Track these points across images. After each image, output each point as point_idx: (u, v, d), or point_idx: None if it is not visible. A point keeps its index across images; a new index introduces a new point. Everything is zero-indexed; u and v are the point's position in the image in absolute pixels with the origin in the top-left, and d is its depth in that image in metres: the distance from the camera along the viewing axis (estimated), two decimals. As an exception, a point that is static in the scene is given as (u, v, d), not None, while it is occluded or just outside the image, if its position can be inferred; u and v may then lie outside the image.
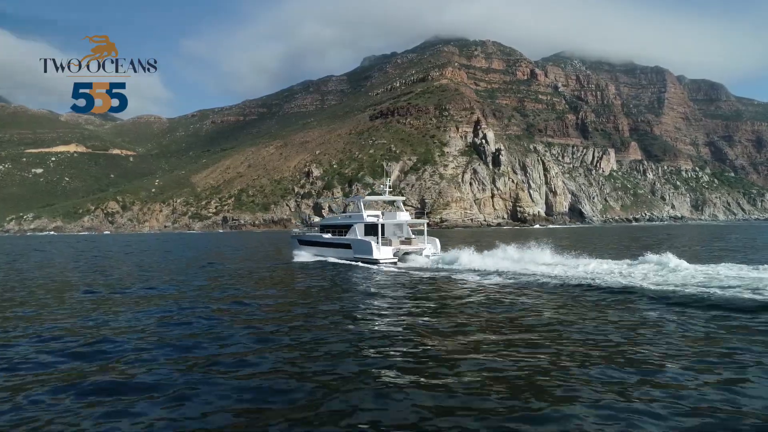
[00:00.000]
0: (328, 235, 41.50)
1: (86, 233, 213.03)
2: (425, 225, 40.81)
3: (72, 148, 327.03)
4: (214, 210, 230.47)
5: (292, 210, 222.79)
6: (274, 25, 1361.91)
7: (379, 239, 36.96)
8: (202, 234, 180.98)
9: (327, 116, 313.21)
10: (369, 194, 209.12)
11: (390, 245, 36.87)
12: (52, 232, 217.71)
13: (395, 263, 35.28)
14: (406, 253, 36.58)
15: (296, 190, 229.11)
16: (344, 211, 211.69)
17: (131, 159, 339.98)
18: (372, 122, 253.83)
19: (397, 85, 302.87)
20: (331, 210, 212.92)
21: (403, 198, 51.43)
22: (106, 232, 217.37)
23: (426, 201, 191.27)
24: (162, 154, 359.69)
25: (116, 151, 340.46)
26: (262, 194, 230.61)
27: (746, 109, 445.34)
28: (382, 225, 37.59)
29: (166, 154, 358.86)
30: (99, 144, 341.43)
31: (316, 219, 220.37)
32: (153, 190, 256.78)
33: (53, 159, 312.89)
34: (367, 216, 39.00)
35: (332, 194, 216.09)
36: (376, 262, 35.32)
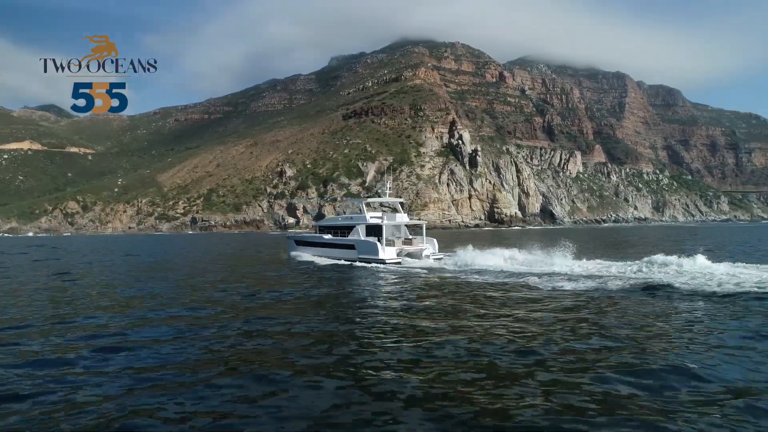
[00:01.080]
0: (328, 236, 42.19)
1: (44, 235, 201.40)
2: (424, 226, 42.86)
3: (26, 145, 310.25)
4: (182, 210, 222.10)
5: (265, 211, 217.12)
6: (239, 23, 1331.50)
7: (384, 240, 37.84)
8: (172, 236, 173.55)
9: (297, 115, 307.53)
10: (345, 195, 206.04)
11: (393, 246, 38.04)
12: (6, 234, 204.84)
13: (399, 263, 36.17)
14: (409, 254, 38.00)
15: (269, 190, 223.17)
16: (319, 212, 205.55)
17: (90, 157, 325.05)
18: (345, 122, 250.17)
19: (370, 84, 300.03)
20: (305, 211, 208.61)
21: (402, 200, 50.70)
22: (66, 234, 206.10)
23: (404, 202, 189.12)
24: (123, 153, 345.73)
25: (74, 149, 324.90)
26: (233, 194, 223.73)
27: (701, 115, 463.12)
28: (384, 226, 38.48)
29: (127, 153, 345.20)
30: (55, 141, 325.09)
31: (291, 220, 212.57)
32: (116, 189, 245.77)
33: (5, 156, 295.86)
34: (371, 217, 39.70)
35: (307, 194, 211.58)
36: (382, 262, 36.14)
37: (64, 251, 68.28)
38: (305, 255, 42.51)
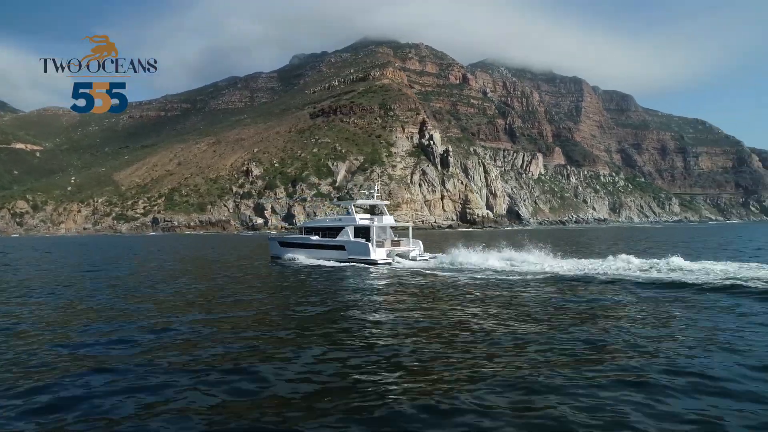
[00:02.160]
0: (315, 237, 42.86)
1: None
2: (410, 228, 44.87)
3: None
4: (142, 210, 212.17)
5: (231, 211, 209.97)
6: (196, 19, 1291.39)
7: (374, 241, 38.83)
8: (133, 237, 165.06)
9: (261, 113, 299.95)
10: (315, 195, 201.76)
11: (383, 247, 39.25)
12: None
13: (390, 263, 37.23)
14: (399, 255, 38.87)
15: (234, 189, 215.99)
16: (289, 212, 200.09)
17: (38, 154, 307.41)
18: (313, 120, 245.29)
19: (336, 83, 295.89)
20: (274, 211, 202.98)
21: (387, 202, 51.12)
22: (15, 235, 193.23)
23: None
24: (73, 150, 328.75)
25: (20, 145, 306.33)
26: (196, 194, 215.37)
27: (652, 120, 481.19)
28: (372, 228, 39.58)
29: (77, 150, 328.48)
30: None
31: (259, 220, 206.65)
32: (69, 188, 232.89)
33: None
34: (360, 219, 40.66)
35: (275, 194, 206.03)
36: (374, 263, 37.17)
37: None
38: (291, 256, 42.65)
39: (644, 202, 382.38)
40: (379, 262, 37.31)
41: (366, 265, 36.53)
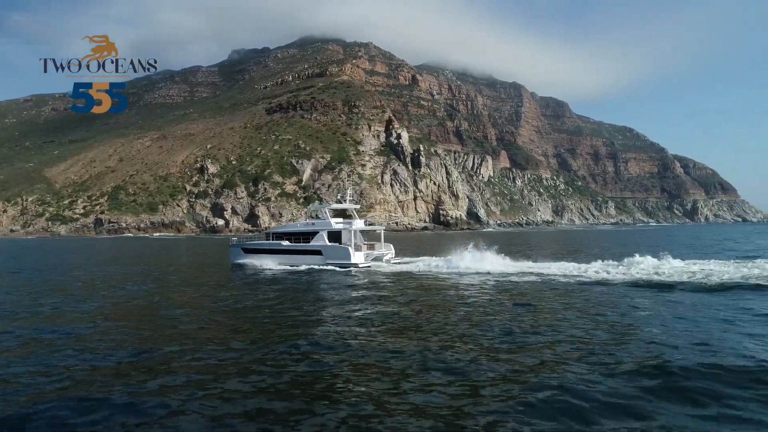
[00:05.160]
0: (286, 243, 41.61)
1: None
2: (382, 232, 45.12)
3: None
4: (82, 210, 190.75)
5: (186, 211, 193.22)
6: (122, 8, 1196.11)
7: (353, 245, 38.95)
8: (76, 240, 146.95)
9: (208, 108, 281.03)
10: (279, 194, 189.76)
11: (361, 250, 39.42)
12: None
13: (369, 266, 37.85)
14: (375, 258, 39.95)
15: (188, 188, 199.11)
16: (251, 212, 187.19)
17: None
18: (270, 116, 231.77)
19: (290, 79, 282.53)
20: (235, 212, 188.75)
21: (357, 206, 48.44)
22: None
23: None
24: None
25: None
26: (145, 192, 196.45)
27: (585, 126, 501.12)
28: (344, 232, 39.83)
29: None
30: None
31: (219, 222, 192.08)
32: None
33: None
34: (335, 223, 40.60)
35: (235, 194, 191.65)
36: (354, 266, 37.48)
37: None
38: (259, 263, 40.58)
39: (583, 205, 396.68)
40: (360, 265, 37.62)
41: (347, 269, 36.78)
